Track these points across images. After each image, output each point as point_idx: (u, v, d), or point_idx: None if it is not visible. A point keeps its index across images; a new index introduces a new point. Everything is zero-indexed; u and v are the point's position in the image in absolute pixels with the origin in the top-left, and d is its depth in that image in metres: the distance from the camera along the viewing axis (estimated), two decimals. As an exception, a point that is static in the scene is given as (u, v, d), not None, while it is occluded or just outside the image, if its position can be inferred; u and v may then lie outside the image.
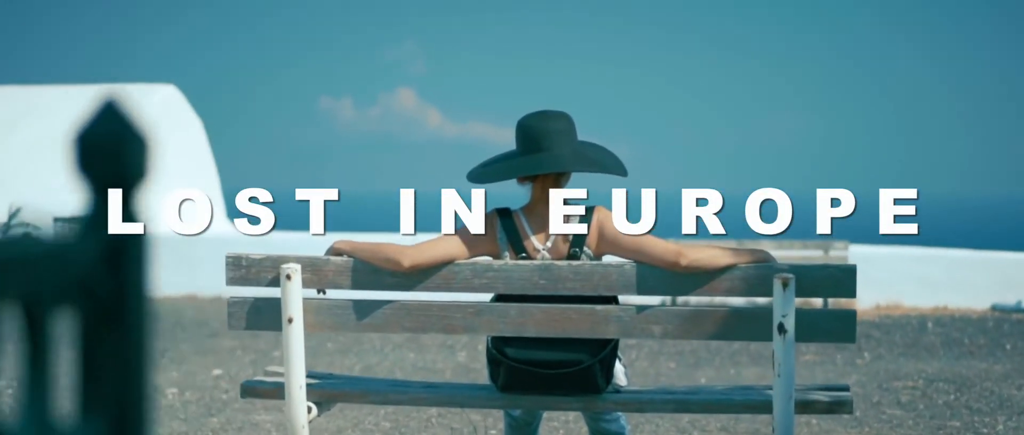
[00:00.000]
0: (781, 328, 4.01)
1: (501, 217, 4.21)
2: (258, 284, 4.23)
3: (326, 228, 4.29)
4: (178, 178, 16.94)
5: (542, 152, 4.16)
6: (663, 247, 4.06)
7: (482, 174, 4.23)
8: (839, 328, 4.11)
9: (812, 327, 4.10)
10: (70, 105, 16.80)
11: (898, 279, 14.03)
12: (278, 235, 15.75)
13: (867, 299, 13.83)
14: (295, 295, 4.16)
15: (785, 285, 4.00)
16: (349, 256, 4.19)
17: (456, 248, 4.15)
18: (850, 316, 4.11)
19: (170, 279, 14.69)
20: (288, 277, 4.16)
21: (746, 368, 9.11)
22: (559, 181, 4.25)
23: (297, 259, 4.22)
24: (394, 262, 4.11)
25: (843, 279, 4.09)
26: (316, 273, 4.21)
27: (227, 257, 4.27)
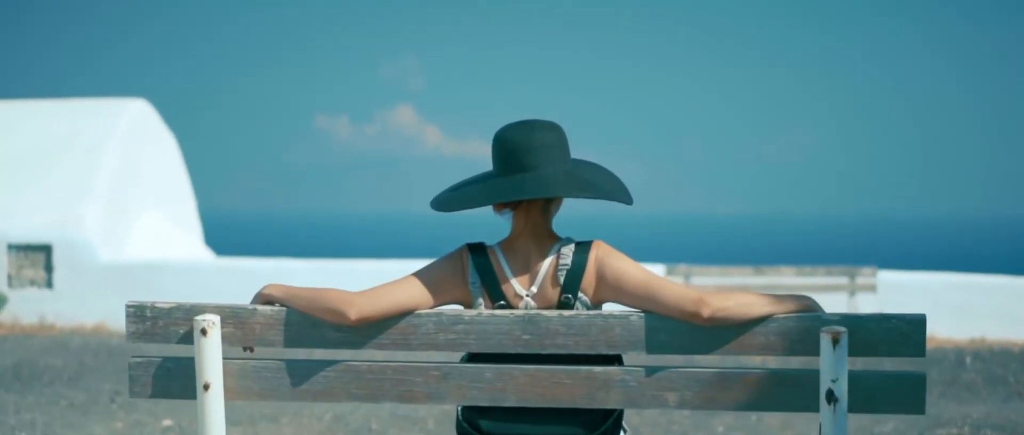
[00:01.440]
0: (830, 396, 3.23)
1: (474, 255, 3.44)
2: (167, 340, 3.45)
3: (321, 253, 3.50)
4: (147, 200, 16.17)
5: (526, 172, 3.39)
6: (680, 293, 3.29)
7: (450, 200, 3.46)
8: (905, 395, 3.32)
9: (870, 394, 3.32)
10: (36, 121, 16.04)
11: (930, 308, 13.24)
12: (261, 263, 14.95)
13: None
14: (213, 355, 3.39)
15: (836, 341, 3.23)
16: (282, 305, 3.42)
17: (416, 295, 3.38)
18: (918, 381, 3.33)
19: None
20: (204, 332, 3.38)
21: (771, 415, 8.31)
22: (548, 209, 3.48)
23: (216, 309, 3.44)
24: (338, 313, 3.34)
25: (910, 334, 3.31)
26: (240, 326, 3.43)
27: (128, 307, 3.49)
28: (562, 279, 3.40)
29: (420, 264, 14.08)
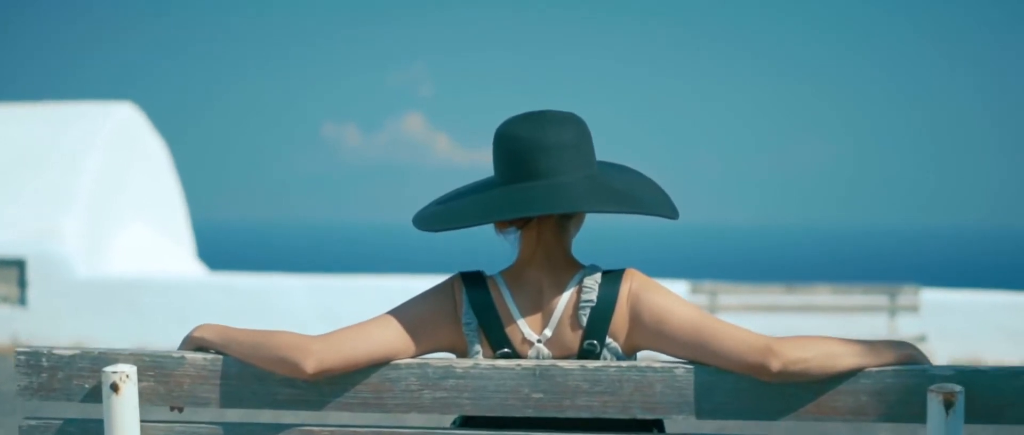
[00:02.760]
0: (942, 477, 2.48)
1: (469, 287, 2.70)
2: (69, 397, 2.71)
3: (326, 267, 2.77)
4: (133, 211, 15.49)
5: (538, 180, 2.65)
6: (743, 339, 2.55)
7: (436, 216, 2.72)
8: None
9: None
10: (12, 127, 15.37)
11: (978, 329, 12.48)
12: (255, 280, 14.24)
13: (942, 353, 12.30)
14: (127, 417, 2.65)
15: (949, 404, 2.48)
16: (219, 351, 2.69)
17: (394, 340, 2.64)
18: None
19: (117, 330, 13.20)
20: (115, 387, 2.64)
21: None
22: (565, 227, 2.74)
23: (132, 357, 2.71)
24: (292, 363, 2.60)
25: (1048, 394, 2.55)
26: (164, 380, 2.70)
27: (17, 354, 2.74)
28: (585, 320, 2.66)
29: (430, 282, 13.36)
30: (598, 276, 2.67)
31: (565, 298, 2.67)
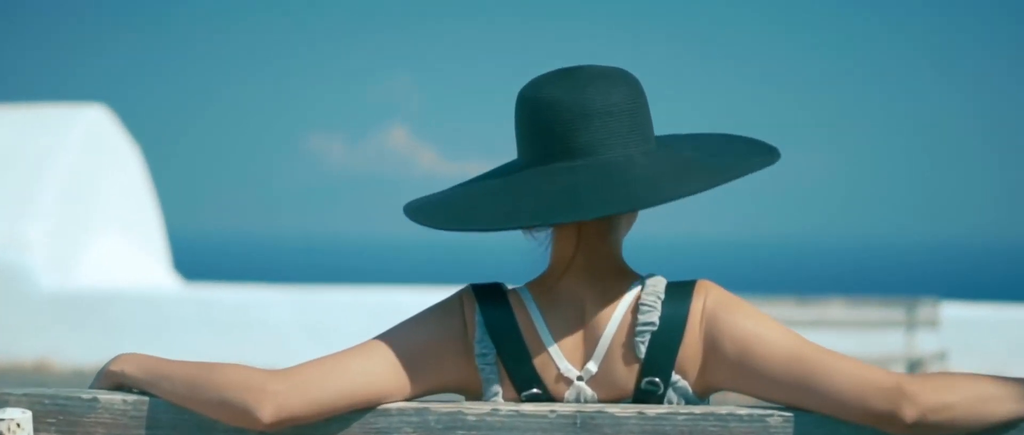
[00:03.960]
0: None
1: (484, 306, 2.02)
2: (-58, 454, 2.03)
3: (310, 278, 2.14)
4: (103, 219, 14.84)
5: (576, 160, 1.98)
6: (863, 377, 1.88)
7: (447, 207, 2.05)
8: None
9: None
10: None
11: (1005, 347, 11.88)
12: (233, 293, 13.55)
13: (960, 363, 11.67)
14: (18, 482, 1.97)
15: None
16: (144, 391, 2.01)
17: (381, 376, 1.98)
18: None
19: (84, 347, 12.50)
20: (1, 441, 1.96)
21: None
22: (615, 223, 2.07)
23: (26, 398, 2.02)
24: (242, 408, 1.93)
25: None
26: (70, 429, 2.01)
27: None
28: (643, 349, 1.98)
29: (434, 296, 12.69)
30: (660, 289, 1.99)
31: (616, 320, 1.99)
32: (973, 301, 13.21)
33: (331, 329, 12.37)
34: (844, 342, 11.78)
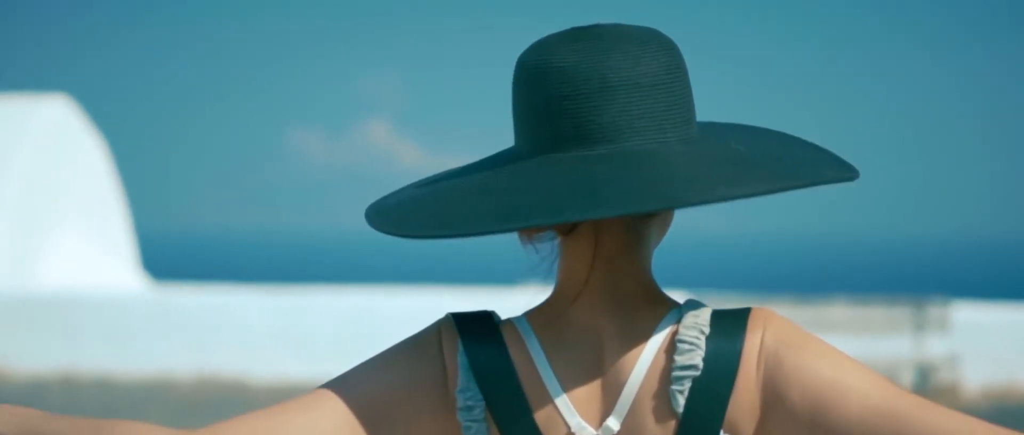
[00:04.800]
0: None
1: (469, 342, 1.55)
2: None
3: (287, 277, 1.75)
4: (66, 215, 14.47)
5: (598, 146, 1.53)
6: None
7: (423, 207, 1.59)
8: None
9: None
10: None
11: (1014, 351, 11.50)
12: (203, 296, 13.12)
13: (972, 377, 11.36)
14: None
15: None
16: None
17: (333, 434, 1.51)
18: None
19: (42, 352, 12.05)
20: None
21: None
22: (643, 232, 1.60)
23: None
24: None
25: None
26: None
27: None
28: (682, 401, 1.50)
29: (411, 300, 12.25)
30: (704, 321, 1.52)
31: (645, 361, 1.52)
32: (982, 300, 12.87)
33: (305, 334, 11.95)
34: (847, 347, 11.40)
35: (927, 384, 11.34)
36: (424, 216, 1.56)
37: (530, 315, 1.57)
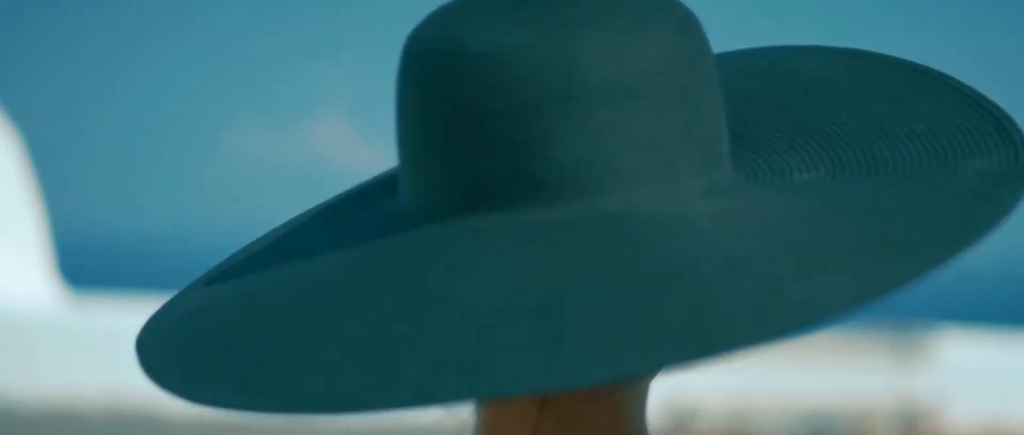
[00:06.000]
0: None
1: None
2: None
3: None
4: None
5: (552, 205, 0.84)
6: None
7: (224, 351, 0.86)
8: None
9: None
10: None
11: (1008, 384, 11.14)
12: (125, 314, 12.51)
13: (964, 412, 11.01)
14: None
15: None
16: None
17: None
18: None
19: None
20: None
21: None
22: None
23: None
24: None
25: None
26: None
27: None
28: None
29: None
30: None
31: None
32: (969, 324, 12.61)
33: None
34: (813, 382, 10.89)
35: (909, 427, 11.03)
36: (234, 360, 0.86)
37: None
